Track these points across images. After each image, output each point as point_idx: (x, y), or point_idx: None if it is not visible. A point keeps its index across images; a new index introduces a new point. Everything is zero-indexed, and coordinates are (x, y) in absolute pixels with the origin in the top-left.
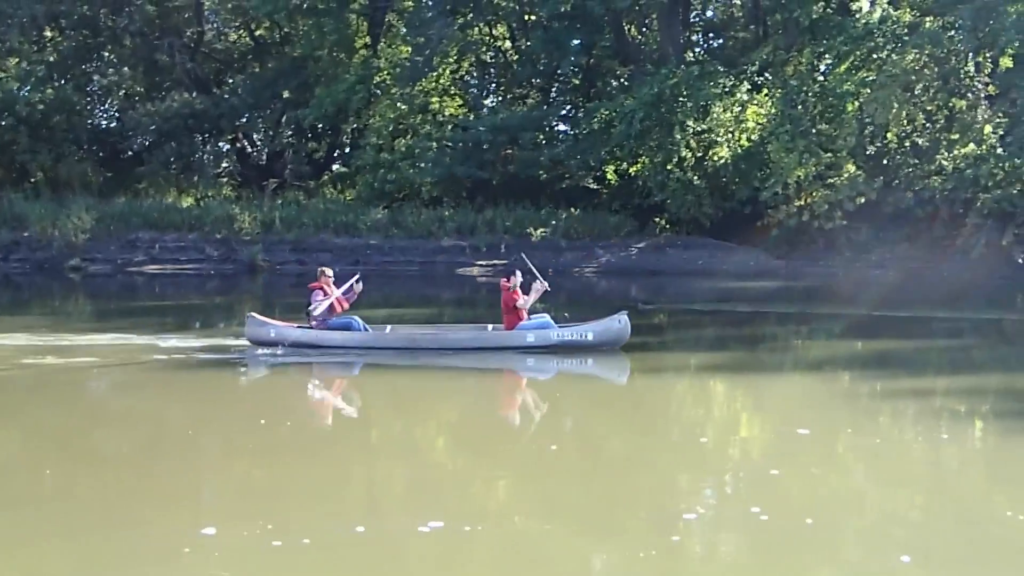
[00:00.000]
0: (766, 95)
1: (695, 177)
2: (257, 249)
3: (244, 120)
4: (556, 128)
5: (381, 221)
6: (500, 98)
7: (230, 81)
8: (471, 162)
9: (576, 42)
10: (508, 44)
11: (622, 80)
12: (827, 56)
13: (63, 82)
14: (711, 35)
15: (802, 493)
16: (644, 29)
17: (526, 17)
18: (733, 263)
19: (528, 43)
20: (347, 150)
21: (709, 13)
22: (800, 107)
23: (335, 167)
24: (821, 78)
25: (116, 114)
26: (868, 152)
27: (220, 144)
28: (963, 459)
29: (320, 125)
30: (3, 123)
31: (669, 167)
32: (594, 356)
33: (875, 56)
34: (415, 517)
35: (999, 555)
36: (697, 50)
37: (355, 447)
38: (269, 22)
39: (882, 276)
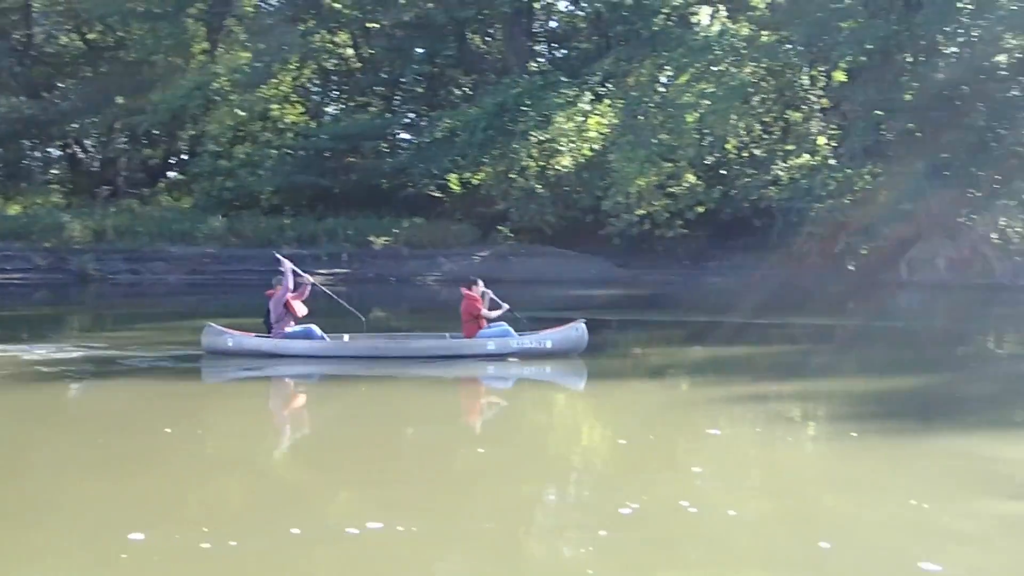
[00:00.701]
0: (608, 105)
1: (538, 186)
2: (88, 258)
3: (75, 126)
4: (399, 136)
5: (219, 230)
6: (342, 106)
7: (61, 86)
8: (312, 170)
9: (419, 50)
10: (351, 51)
11: (465, 89)
12: (668, 68)
13: None
14: (554, 45)
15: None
16: (488, 38)
17: (369, 25)
18: (575, 271)
19: (371, 51)
20: (184, 157)
21: (552, 24)
22: (641, 117)
23: (171, 174)
24: (662, 89)
25: None
26: (707, 162)
27: (49, 150)
28: (799, 461)
29: (156, 131)
30: None
31: (512, 176)
32: (552, 364)
33: (714, 68)
34: (351, 519)
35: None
36: (540, 60)
37: (294, 453)
38: (102, 25)
39: (720, 284)
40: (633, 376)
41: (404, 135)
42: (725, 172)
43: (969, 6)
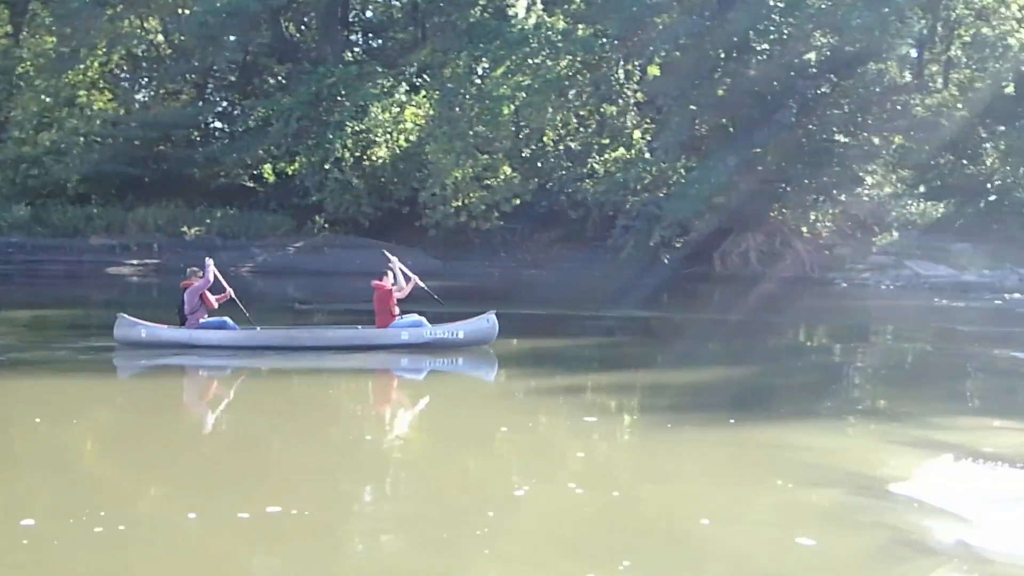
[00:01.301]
0: (424, 96)
1: (353, 177)
2: None
3: None
4: (212, 125)
5: (23, 219)
6: (152, 93)
7: None
8: (121, 159)
9: (232, 38)
10: (161, 38)
11: (280, 78)
12: (484, 60)
13: None
14: (371, 35)
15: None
16: (303, 27)
17: (180, 11)
18: None
19: (182, 38)
20: None
21: (369, 13)
22: (458, 109)
23: None
24: (479, 81)
25: None
26: (524, 155)
27: None
28: (611, 449)
29: None
30: None
31: (327, 167)
32: (464, 355)
33: (531, 61)
34: (248, 503)
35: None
36: (356, 50)
37: (197, 441)
38: None
39: (537, 276)
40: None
41: (217, 124)
42: (541, 165)
43: (780, 4)
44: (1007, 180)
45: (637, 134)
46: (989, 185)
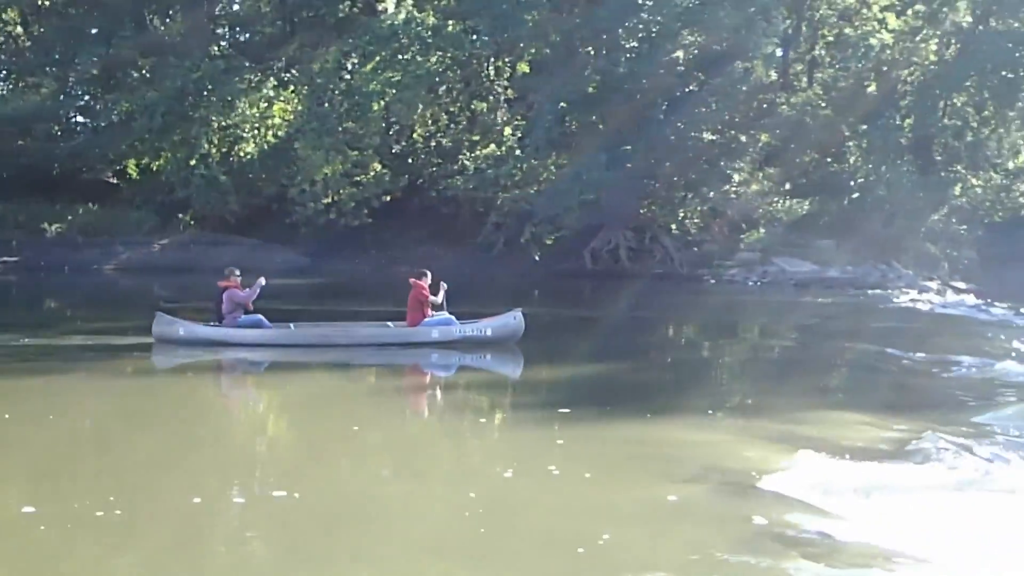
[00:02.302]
0: (293, 92)
1: (220, 173)
2: None
3: None
4: (73, 119)
5: None
6: (11, 86)
7: None
8: None
9: (94, 31)
10: (20, 30)
11: (144, 72)
12: (354, 55)
13: None
14: (237, 29)
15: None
16: (168, 20)
17: (40, 2)
18: (261, 260)
19: (42, 29)
20: None
21: (235, 7)
22: (327, 105)
23: None
24: (348, 77)
25: None
26: (394, 151)
27: None
28: (486, 450)
29: None
30: None
31: (193, 162)
32: (492, 351)
33: (401, 57)
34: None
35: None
36: (223, 44)
37: (218, 430)
38: None
39: (408, 274)
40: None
41: (79, 118)
42: (412, 161)
43: (648, 2)
44: (869, 178)
45: (508, 131)
46: (852, 183)
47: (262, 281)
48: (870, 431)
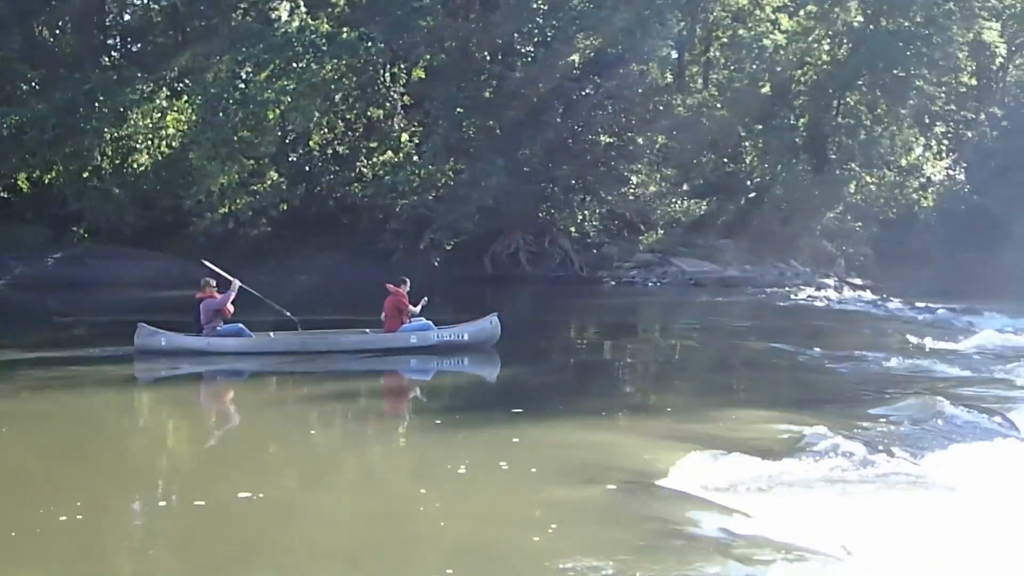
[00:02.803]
0: (187, 102)
1: (114, 185)
2: None
3: None
4: None
5: None
6: None
7: None
8: None
9: None
10: None
11: (34, 84)
12: (248, 64)
13: None
14: (129, 40)
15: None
16: (57, 31)
17: None
18: (158, 272)
19: None
20: None
21: (127, 17)
22: (222, 114)
23: None
24: (242, 86)
25: None
26: (291, 159)
27: None
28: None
29: None
30: None
31: (85, 175)
32: (469, 355)
33: (295, 65)
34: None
35: None
36: (114, 55)
37: (193, 437)
38: None
39: (308, 283)
40: None
41: None
42: (309, 169)
43: (543, 7)
44: (766, 178)
45: (405, 137)
46: (749, 182)
47: (236, 283)
48: (769, 427)
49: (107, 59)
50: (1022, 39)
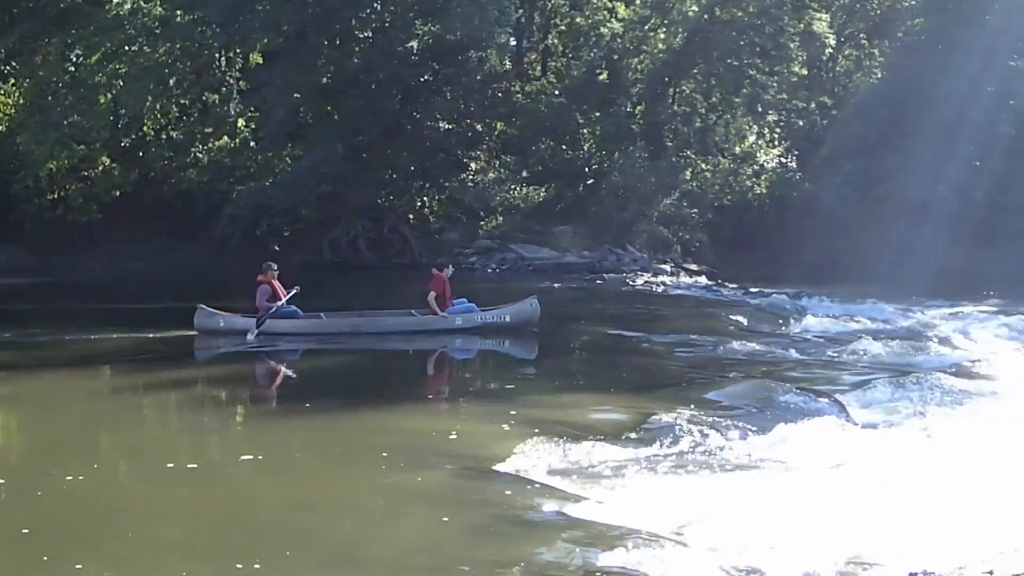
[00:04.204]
0: (14, 85)
1: None
2: None
3: None
4: None
5: None
6: None
7: None
8: None
9: None
10: None
11: None
12: (78, 47)
13: None
14: None
15: None
16: None
17: None
18: None
19: None
20: None
21: None
22: (51, 98)
23: None
24: (72, 69)
25: None
26: (124, 144)
27: None
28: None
29: None
30: None
31: None
32: (510, 336)
33: (128, 48)
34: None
35: None
36: None
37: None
38: None
39: (142, 270)
40: None
41: None
42: (143, 155)
43: None
44: (603, 164)
45: (241, 123)
46: (587, 169)
47: (296, 289)
48: (606, 412)
49: None
50: (851, 30)
